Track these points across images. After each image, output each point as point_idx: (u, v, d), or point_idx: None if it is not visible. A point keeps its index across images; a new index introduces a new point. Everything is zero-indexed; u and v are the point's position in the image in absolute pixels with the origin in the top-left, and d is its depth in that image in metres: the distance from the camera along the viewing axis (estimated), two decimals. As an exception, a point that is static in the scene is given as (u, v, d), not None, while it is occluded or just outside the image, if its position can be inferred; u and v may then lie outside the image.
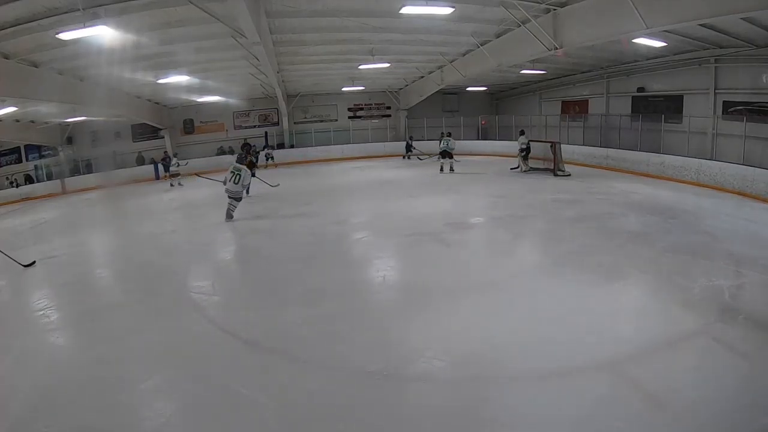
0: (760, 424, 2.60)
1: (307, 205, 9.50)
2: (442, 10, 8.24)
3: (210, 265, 6.28)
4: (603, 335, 3.58)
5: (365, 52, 12.43)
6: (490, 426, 2.69)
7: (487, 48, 11.93)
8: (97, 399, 3.09)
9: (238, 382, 3.16)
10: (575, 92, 17.32)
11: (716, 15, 7.04)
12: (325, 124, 20.53)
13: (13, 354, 3.86)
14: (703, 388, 2.88)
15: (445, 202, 9.02)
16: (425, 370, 3.26)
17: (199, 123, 19.64)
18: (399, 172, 14.00)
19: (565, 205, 8.32)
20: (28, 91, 9.81)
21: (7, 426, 2.86)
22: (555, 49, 9.48)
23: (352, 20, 9.35)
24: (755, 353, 3.25)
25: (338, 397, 2.98)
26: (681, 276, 4.74)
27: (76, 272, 6.16)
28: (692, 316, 3.86)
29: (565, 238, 6.27)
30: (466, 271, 5.25)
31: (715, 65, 11.60)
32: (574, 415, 2.70)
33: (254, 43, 8.44)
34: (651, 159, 11.69)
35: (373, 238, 6.88)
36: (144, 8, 7.36)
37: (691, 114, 12.03)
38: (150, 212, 10.37)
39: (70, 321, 4.63)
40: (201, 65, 11.98)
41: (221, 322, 4.24)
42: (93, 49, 8.03)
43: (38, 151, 17.83)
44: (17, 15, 6.95)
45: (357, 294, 4.78)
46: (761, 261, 5.03)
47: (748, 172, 9.01)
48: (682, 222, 6.92)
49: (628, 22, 7.86)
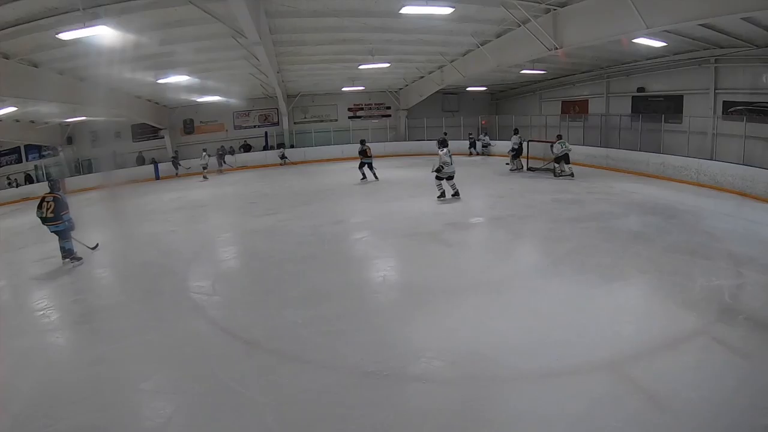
0: (760, 424, 2.61)
1: (306, 205, 9.50)
2: (442, 10, 8.24)
3: (210, 265, 6.29)
4: (603, 335, 3.58)
5: (365, 52, 12.43)
6: (489, 426, 2.69)
7: (487, 48, 11.94)
8: (97, 399, 3.09)
9: (238, 382, 3.17)
10: (575, 92, 17.33)
11: (716, 15, 7.04)
12: (325, 124, 20.54)
13: (14, 354, 3.86)
14: (703, 388, 2.88)
15: (445, 202, 9.02)
16: (425, 370, 3.26)
17: (199, 123, 19.67)
18: (399, 172, 13.99)
19: (565, 205, 8.32)
20: (28, 91, 9.82)
21: (8, 425, 2.87)
22: (555, 49, 9.49)
23: (352, 20, 9.35)
24: (755, 353, 3.25)
25: (338, 397, 2.98)
26: (681, 276, 4.73)
27: (77, 272, 6.15)
28: (692, 316, 3.86)
29: (565, 238, 6.26)
30: (466, 271, 5.25)
31: (715, 65, 11.60)
32: (574, 414, 2.70)
33: (254, 43, 8.45)
34: (651, 159, 11.69)
35: (373, 238, 6.88)
36: (144, 8, 7.36)
37: (691, 114, 12.03)
38: (150, 212, 10.37)
39: (70, 321, 4.63)
40: (201, 65, 11.98)
41: (221, 322, 4.24)
42: (93, 49, 8.02)
43: (38, 151, 17.85)
44: (17, 15, 6.95)
45: (357, 294, 4.78)
46: (761, 261, 5.03)
47: (748, 172, 9.01)
48: (682, 222, 6.92)
49: (628, 22, 7.86)
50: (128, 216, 10.26)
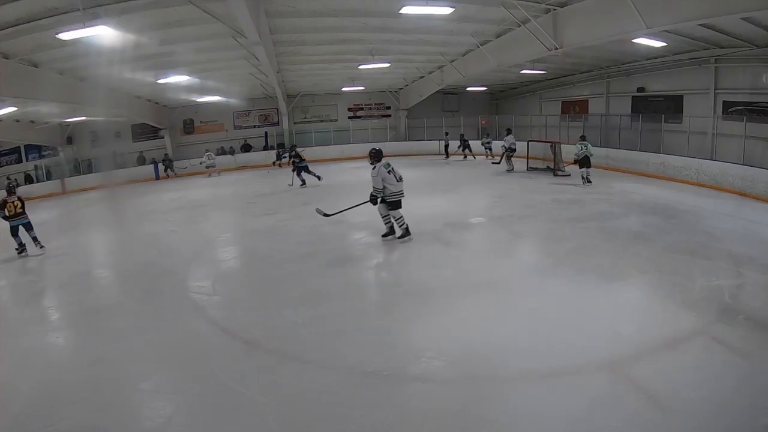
0: (760, 424, 2.61)
1: (306, 205, 9.48)
2: (442, 10, 8.25)
3: (210, 265, 6.29)
4: (603, 335, 3.58)
5: (365, 52, 12.44)
6: (489, 426, 2.69)
7: (487, 48, 11.94)
8: (97, 398, 3.09)
9: (238, 382, 3.16)
10: (575, 92, 17.33)
11: (716, 15, 7.05)
12: (325, 124, 20.54)
13: (14, 354, 3.86)
14: (703, 388, 2.87)
15: (445, 202, 9.03)
16: (425, 370, 3.26)
17: (199, 123, 19.67)
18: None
19: (565, 205, 8.32)
20: (28, 91, 9.83)
21: (7, 425, 2.87)
22: (555, 49, 9.49)
23: (351, 20, 9.36)
24: (755, 353, 3.25)
25: (338, 397, 2.98)
26: (681, 276, 4.73)
27: (77, 272, 6.15)
28: (692, 316, 3.86)
29: (565, 238, 6.26)
30: (466, 271, 5.25)
31: (715, 65, 11.61)
32: (574, 414, 2.70)
33: (254, 43, 8.45)
34: (651, 159, 11.69)
35: (373, 238, 6.87)
36: (144, 8, 7.36)
37: (691, 114, 12.04)
38: (150, 212, 10.37)
39: (70, 321, 4.63)
40: (201, 65, 11.99)
41: (221, 322, 4.24)
42: (93, 49, 8.03)
43: (38, 151, 17.83)
44: (17, 15, 6.96)
45: (357, 294, 4.78)
46: (761, 261, 5.03)
47: (748, 172, 9.02)
48: (682, 222, 6.92)
49: (628, 22, 7.87)
50: (128, 216, 10.25)
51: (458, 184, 11.14)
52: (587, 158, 10.19)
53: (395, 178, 6.05)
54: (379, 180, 5.97)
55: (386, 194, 6.03)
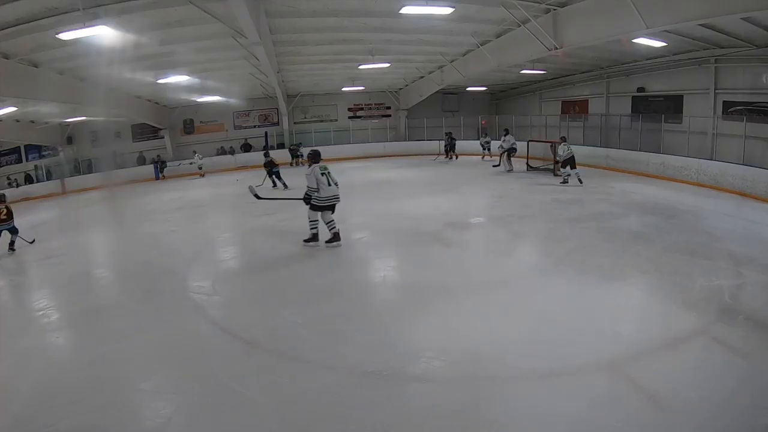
0: (760, 424, 2.61)
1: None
2: (442, 10, 8.24)
3: (210, 265, 6.28)
4: (603, 335, 3.58)
5: (365, 52, 12.44)
6: (489, 426, 2.69)
7: (487, 48, 11.94)
8: (97, 398, 3.08)
9: (238, 382, 3.16)
10: (575, 92, 17.33)
11: (716, 15, 7.05)
12: (325, 124, 20.54)
13: (14, 354, 3.85)
14: (703, 388, 2.87)
15: (445, 202, 9.02)
16: (425, 370, 3.26)
17: (199, 123, 19.67)
18: (399, 172, 13.99)
19: (565, 205, 8.32)
20: (28, 91, 9.83)
21: (7, 425, 2.86)
22: (555, 49, 9.49)
23: (351, 20, 9.36)
24: (755, 353, 3.25)
25: (338, 397, 2.98)
26: (681, 276, 4.73)
27: (77, 272, 6.15)
28: (692, 316, 3.85)
29: (565, 238, 6.26)
30: (466, 271, 5.25)
31: (715, 65, 11.61)
32: (574, 414, 2.70)
33: (254, 43, 8.45)
34: (651, 159, 11.69)
35: (373, 238, 6.89)
36: (144, 8, 7.36)
37: (691, 114, 12.04)
38: (150, 212, 10.37)
39: (70, 321, 4.62)
40: (201, 65, 11.99)
41: (221, 322, 4.24)
42: (93, 49, 8.03)
43: (38, 151, 17.84)
44: (17, 15, 6.96)
45: (357, 294, 4.77)
46: (761, 261, 5.03)
47: (748, 172, 9.01)
48: (682, 222, 6.92)
49: (628, 22, 7.87)
50: (128, 216, 10.25)
51: (458, 184, 11.12)
52: (573, 158, 10.27)
53: (327, 182, 6.06)
54: (313, 179, 6.02)
55: (319, 196, 6.07)
